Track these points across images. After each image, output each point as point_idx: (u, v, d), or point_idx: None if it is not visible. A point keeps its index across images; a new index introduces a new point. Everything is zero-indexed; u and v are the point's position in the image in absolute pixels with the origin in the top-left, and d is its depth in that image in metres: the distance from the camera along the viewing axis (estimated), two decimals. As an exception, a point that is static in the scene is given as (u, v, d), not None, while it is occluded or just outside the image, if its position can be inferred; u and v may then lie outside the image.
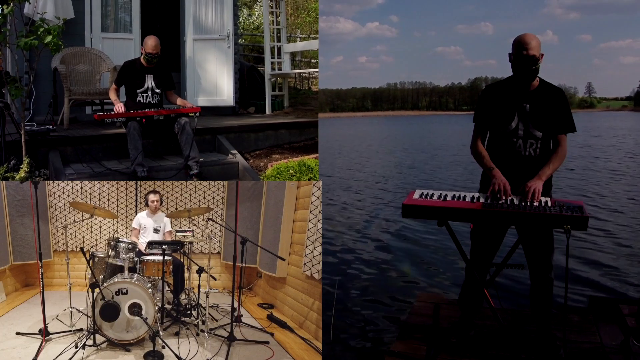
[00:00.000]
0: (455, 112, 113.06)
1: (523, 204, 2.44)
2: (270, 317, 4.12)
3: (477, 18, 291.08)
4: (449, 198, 2.54)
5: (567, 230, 2.31)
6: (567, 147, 2.70)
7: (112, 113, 4.48)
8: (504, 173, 2.59)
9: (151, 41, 4.59)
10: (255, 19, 12.42)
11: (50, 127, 4.80)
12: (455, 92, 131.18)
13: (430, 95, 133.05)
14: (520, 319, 3.16)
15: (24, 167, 4.19)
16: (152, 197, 4.37)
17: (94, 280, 3.29)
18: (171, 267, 3.87)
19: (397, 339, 3.02)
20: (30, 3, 4.74)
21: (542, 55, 2.61)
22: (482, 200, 2.52)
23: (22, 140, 4.24)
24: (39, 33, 4.04)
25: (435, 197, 2.56)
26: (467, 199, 2.53)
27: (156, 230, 4.35)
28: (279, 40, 7.42)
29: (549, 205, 2.43)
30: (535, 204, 2.45)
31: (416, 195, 2.60)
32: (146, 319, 3.24)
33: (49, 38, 4.07)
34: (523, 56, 2.57)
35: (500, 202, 2.48)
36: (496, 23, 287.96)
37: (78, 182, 4.93)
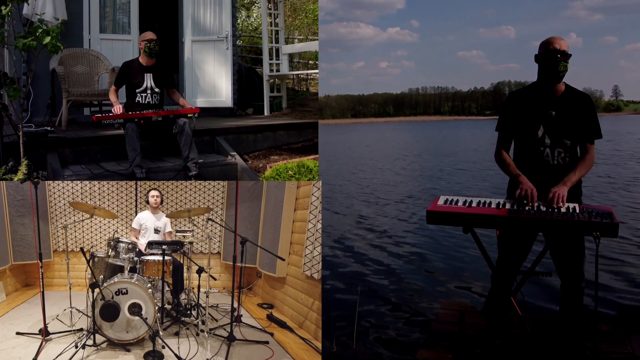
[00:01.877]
0: (478, 117, 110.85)
1: (550, 210, 2.39)
2: (270, 317, 4.13)
3: (498, 21, 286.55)
4: (474, 204, 2.50)
5: (596, 237, 2.26)
6: (594, 154, 2.63)
7: (110, 114, 4.47)
8: (532, 183, 2.53)
9: (147, 32, 4.61)
10: (253, 20, 12.45)
11: (49, 128, 4.78)
12: (478, 97, 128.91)
13: (452, 100, 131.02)
14: (549, 328, 3.08)
15: (22, 168, 4.17)
16: (152, 193, 4.38)
17: (94, 280, 3.28)
18: (171, 267, 3.88)
19: (422, 347, 2.96)
20: (28, 4, 4.74)
21: (570, 55, 2.57)
22: (508, 206, 2.47)
23: (20, 141, 4.22)
24: (37, 34, 4.03)
25: (460, 203, 2.52)
26: (493, 205, 2.49)
27: (157, 231, 4.35)
28: (277, 41, 7.44)
29: (577, 211, 2.39)
30: (563, 210, 2.39)
31: (441, 201, 2.57)
32: (146, 319, 3.24)
33: (47, 39, 4.05)
34: (554, 50, 2.53)
35: (526, 208, 2.42)
36: (518, 26, 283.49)
37: (78, 182, 4.92)
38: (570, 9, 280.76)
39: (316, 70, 10.25)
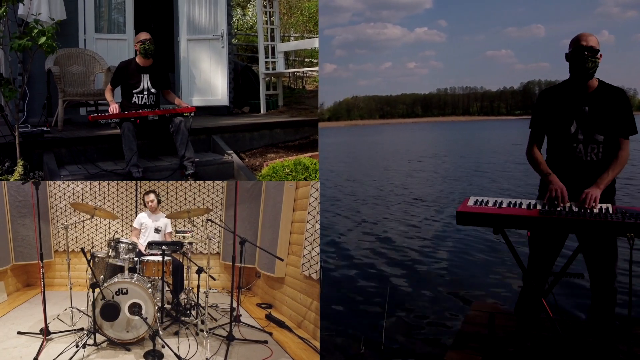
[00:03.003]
0: (508, 117, 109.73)
1: (582, 210, 2.37)
2: (269, 317, 4.15)
3: (527, 20, 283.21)
4: (504, 205, 2.48)
5: (630, 238, 2.21)
6: (629, 151, 2.59)
7: (106, 114, 4.46)
8: (565, 179, 2.51)
9: (141, 33, 4.61)
10: (248, 18, 12.41)
11: (45, 128, 4.77)
12: (507, 97, 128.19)
13: (481, 100, 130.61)
14: (580, 330, 2.98)
15: (18, 169, 4.16)
16: (147, 198, 4.38)
17: (95, 280, 3.30)
18: (171, 267, 3.89)
19: (451, 348, 2.93)
20: (24, 4, 4.72)
21: (601, 56, 2.55)
22: (539, 207, 2.44)
23: (16, 142, 4.20)
24: (32, 34, 4.02)
25: (490, 204, 2.50)
26: (524, 206, 2.46)
27: (157, 231, 4.36)
28: (272, 39, 7.43)
29: (610, 212, 2.35)
30: (596, 210, 2.36)
31: (471, 202, 2.55)
32: (146, 318, 3.26)
33: (43, 39, 4.03)
34: (581, 47, 2.50)
35: (558, 209, 2.40)
36: (548, 25, 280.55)
37: (79, 183, 4.93)
38: (602, 6, 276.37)
39: (312, 68, 10.26)
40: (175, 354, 3.09)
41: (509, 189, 10.78)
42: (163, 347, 3.16)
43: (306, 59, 11.01)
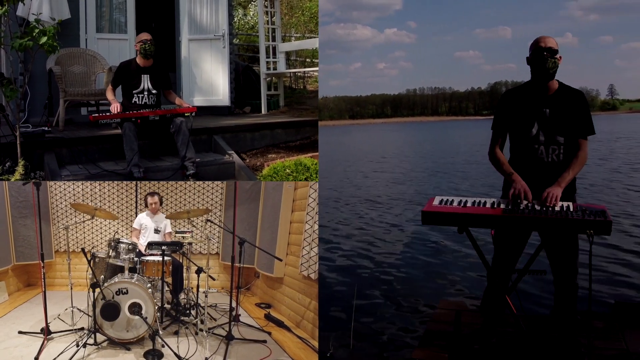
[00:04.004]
0: (475, 117, 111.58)
1: (544, 209, 2.41)
2: (268, 317, 4.17)
3: (495, 22, 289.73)
4: (469, 204, 2.52)
5: (589, 235, 2.28)
6: (587, 151, 2.65)
7: (107, 114, 4.48)
8: (527, 180, 2.55)
9: (142, 34, 4.63)
10: (250, 18, 12.41)
11: (46, 128, 4.79)
12: (475, 97, 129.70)
13: (450, 101, 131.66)
14: (543, 325, 3.08)
15: (19, 169, 4.18)
16: (150, 199, 4.39)
17: (95, 280, 3.31)
18: (171, 267, 3.91)
19: (418, 346, 2.97)
20: (24, 4, 4.73)
21: (561, 57, 2.59)
22: (502, 205, 2.48)
23: (17, 142, 4.22)
24: (33, 34, 4.03)
25: (455, 204, 2.54)
26: (488, 205, 2.50)
27: (157, 231, 4.38)
28: (273, 39, 7.44)
29: (571, 209, 2.40)
30: (557, 208, 2.41)
31: (436, 201, 2.58)
32: (146, 318, 3.28)
33: (44, 39, 4.04)
34: (540, 48, 2.56)
35: (521, 207, 2.44)
36: (514, 27, 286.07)
37: (79, 183, 4.95)
38: (566, 10, 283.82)
39: (313, 68, 10.26)
40: (175, 353, 3.11)
41: (466, 189, 10.92)
42: (163, 346, 3.18)
43: (307, 59, 11.02)
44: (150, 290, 3.41)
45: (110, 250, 3.79)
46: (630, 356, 2.77)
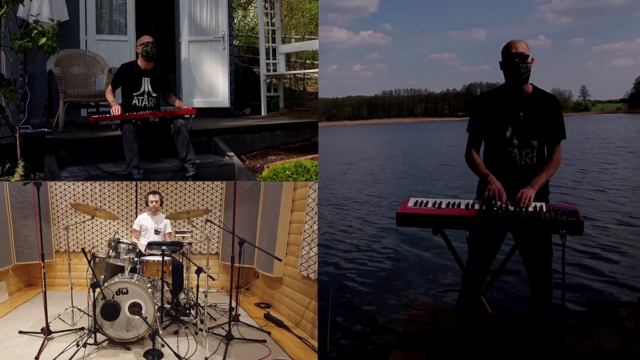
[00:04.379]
0: (451, 118, 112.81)
1: (518, 210, 2.43)
2: (268, 317, 4.18)
3: (469, 24, 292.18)
4: (443, 205, 2.53)
5: (562, 235, 2.30)
6: (561, 154, 2.69)
7: (107, 115, 4.49)
8: (501, 182, 2.57)
9: (144, 36, 4.64)
10: (250, 20, 12.42)
11: (46, 129, 4.79)
12: (450, 98, 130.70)
13: (425, 102, 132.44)
14: (519, 325, 3.12)
15: (19, 170, 4.19)
16: (151, 197, 4.40)
17: (95, 280, 3.32)
18: (170, 267, 3.92)
19: (395, 348, 2.98)
20: (24, 5, 4.75)
21: (533, 60, 2.62)
22: (477, 207, 2.50)
23: (17, 143, 4.22)
24: (33, 35, 4.04)
25: (430, 205, 2.54)
26: (462, 206, 2.51)
27: (157, 232, 4.39)
28: (273, 41, 7.45)
29: (544, 210, 2.43)
30: (530, 209, 2.43)
31: (410, 203, 2.58)
32: (146, 318, 3.28)
33: (43, 40, 4.05)
34: (512, 54, 2.58)
35: (495, 208, 2.46)
36: (488, 29, 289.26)
37: (79, 184, 4.96)
38: (538, 12, 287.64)
39: (313, 70, 10.26)
40: (174, 353, 3.12)
41: (437, 192, 11.05)
42: (163, 346, 3.19)
43: (307, 61, 11.03)
44: (150, 290, 3.41)
45: (111, 250, 3.80)
46: (603, 354, 2.82)
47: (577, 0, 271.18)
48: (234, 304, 3.75)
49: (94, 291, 3.22)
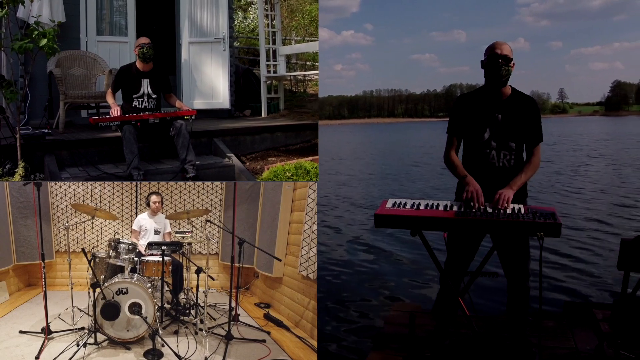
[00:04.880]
0: (431, 119, 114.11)
1: (496, 211, 2.42)
2: (267, 316, 4.18)
3: (450, 26, 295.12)
4: (422, 207, 2.50)
5: (540, 237, 2.30)
6: (540, 155, 2.69)
7: (108, 117, 4.49)
8: (479, 184, 2.56)
9: (141, 38, 4.66)
10: (250, 21, 12.45)
11: (46, 130, 4.79)
12: (430, 99, 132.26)
13: (406, 103, 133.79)
14: (496, 326, 3.13)
15: (20, 171, 4.19)
16: (154, 198, 4.41)
17: (95, 280, 3.33)
18: (170, 267, 3.92)
19: (373, 350, 2.97)
20: (24, 7, 4.76)
21: (514, 64, 2.62)
22: (455, 208, 2.48)
23: (18, 144, 4.23)
24: (33, 36, 4.05)
25: (408, 206, 2.51)
26: (441, 208, 2.50)
27: (157, 232, 4.40)
28: (274, 42, 7.47)
29: (522, 212, 2.42)
30: (509, 211, 2.43)
31: (389, 204, 2.55)
32: (146, 318, 3.29)
33: (44, 41, 4.06)
34: (496, 55, 2.58)
35: (473, 210, 2.45)
36: (469, 31, 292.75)
37: (80, 184, 4.97)
38: (518, 15, 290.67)
39: (314, 72, 10.28)
40: (174, 352, 3.13)
41: (415, 193, 11.09)
42: (163, 346, 3.20)
43: (308, 62, 11.04)
44: (150, 290, 3.42)
45: (111, 251, 3.81)
46: (579, 354, 2.83)
47: (555, 4, 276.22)
48: (233, 304, 3.76)
49: (94, 291, 3.23)
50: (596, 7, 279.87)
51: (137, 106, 4.68)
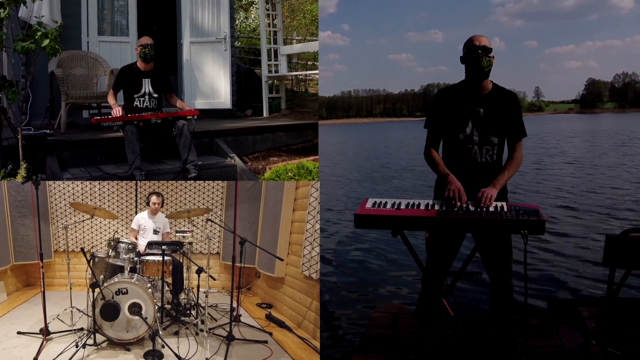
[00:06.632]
0: (409, 119, 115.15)
1: (479, 210, 2.38)
2: (269, 317, 4.15)
3: (427, 26, 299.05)
4: (402, 206, 2.45)
5: (524, 235, 2.26)
6: (522, 152, 2.65)
7: (109, 117, 4.49)
8: (460, 180, 2.51)
9: (143, 38, 4.65)
10: (251, 21, 12.47)
11: (48, 131, 4.79)
12: (408, 99, 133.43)
13: (384, 103, 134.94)
14: (480, 326, 3.07)
15: (22, 171, 4.19)
16: (154, 199, 4.39)
17: (95, 280, 3.31)
18: (171, 267, 3.90)
19: (356, 352, 2.92)
20: (26, 7, 4.76)
21: (494, 57, 2.56)
22: (436, 207, 2.42)
23: (19, 144, 4.23)
24: (36, 37, 4.05)
25: (388, 206, 2.46)
26: (422, 207, 2.43)
27: (156, 232, 4.37)
28: (275, 42, 7.46)
29: (505, 210, 2.37)
30: (492, 209, 2.38)
31: (369, 204, 2.49)
32: (146, 318, 3.26)
33: (46, 42, 4.06)
34: (475, 47, 2.52)
35: (455, 209, 2.39)
36: (446, 30, 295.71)
37: (79, 182, 4.95)
38: (493, 15, 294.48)
39: (315, 71, 10.27)
40: (175, 353, 3.10)
41: (396, 192, 11.05)
42: (163, 347, 3.17)
43: (309, 62, 11.03)
44: (150, 290, 3.40)
45: (110, 250, 3.79)
46: (564, 352, 2.80)
47: (529, 4, 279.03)
48: (235, 304, 3.73)
49: (93, 291, 3.21)
50: (569, 7, 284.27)
51: (139, 105, 4.68)
